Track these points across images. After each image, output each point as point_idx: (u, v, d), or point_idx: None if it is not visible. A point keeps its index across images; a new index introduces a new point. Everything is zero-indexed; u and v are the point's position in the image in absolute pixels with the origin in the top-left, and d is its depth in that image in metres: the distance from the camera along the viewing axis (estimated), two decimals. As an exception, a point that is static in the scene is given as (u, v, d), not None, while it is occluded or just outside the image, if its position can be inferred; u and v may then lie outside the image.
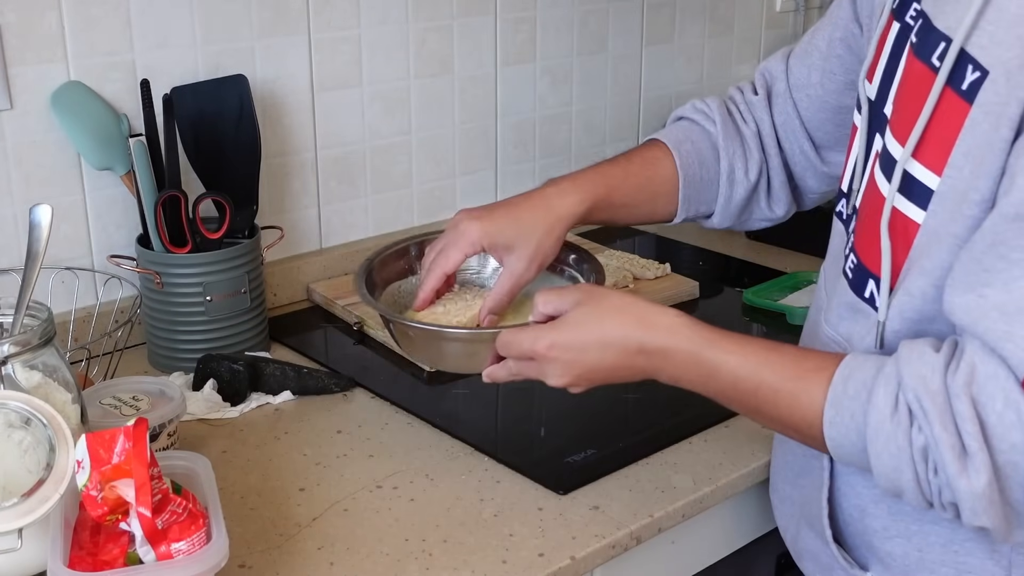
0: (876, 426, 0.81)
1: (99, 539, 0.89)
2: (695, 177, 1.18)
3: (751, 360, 0.89)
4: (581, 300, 0.95)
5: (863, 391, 0.83)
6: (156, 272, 1.32)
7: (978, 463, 0.77)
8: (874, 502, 0.95)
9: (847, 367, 0.85)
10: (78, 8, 1.31)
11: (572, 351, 0.94)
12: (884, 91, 0.94)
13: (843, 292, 0.96)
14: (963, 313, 0.79)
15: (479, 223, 1.10)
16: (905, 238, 0.87)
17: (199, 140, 1.40)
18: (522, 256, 1.10)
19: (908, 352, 0.82)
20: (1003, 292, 0.77)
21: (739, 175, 1.18)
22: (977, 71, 0.81)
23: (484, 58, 1.72)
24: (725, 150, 1.18)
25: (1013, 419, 0.76)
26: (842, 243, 1.01)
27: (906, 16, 0.92)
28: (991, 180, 0.80)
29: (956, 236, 0.82)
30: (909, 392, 0.79)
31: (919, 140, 0.85)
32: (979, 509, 0.78)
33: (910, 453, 0.80)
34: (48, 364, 0.98)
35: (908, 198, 0.87)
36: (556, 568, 0.98)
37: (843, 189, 1.03)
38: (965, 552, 0.91)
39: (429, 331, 1.09)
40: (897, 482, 0.82)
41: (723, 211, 1.20)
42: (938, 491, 0.80)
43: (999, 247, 0.78)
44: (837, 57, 1.11)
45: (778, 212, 1.22)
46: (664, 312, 0.94)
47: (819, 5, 2.18)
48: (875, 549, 0.96)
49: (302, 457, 1.17)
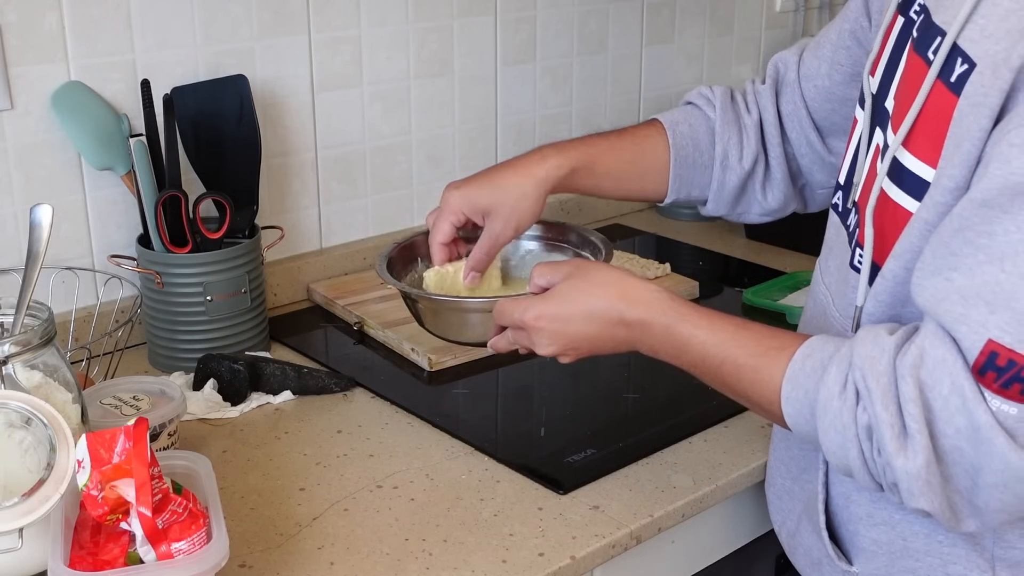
0: (824, 403, 0.84)
1: (99, 539, 0.89)
2: (688, 159, 1.20)
3: (719, 336, 0.93)
4: (570, 273, 1.01)
5: (818, 369, 0.85)
6: (156, 272, 1.32)
7: (916, 444, 0.78)
8: (857, 489, 0.97)
9: (809, 347, 0.88)
10: (78, 8, 1.32)
11: (558, 321, 0.99)
12: (886, 85, 0.95)
13: (856, 284, 0.96)
14: (928, 295, 0.81)
15: (459, 191, 1.17)
16: (896, 227, 0.88)
17: (199, 140, 1.40)
18: (498, 218, 1.16)
19: (864, 334, 0.84)
20: (967, 276, 0.78)
21: (732, 161, 1.20)
22: (966, 64, 0.82)
23: (484, 58, 1.72)
24: (720, 135, 1.20)
25: (958, 404, 0.77)
26: (839, 236, 1.02)
27: (910, 11, 0.93)
28: (965, 168, 0.81)
29: (926, 221, 0.84)
30: (857, 372, 0.82)
31: (910, 131, 0.87)
32: (915, 490, 0.79)
33: (855, 431, 0.82)
34: (49, 364, 0.98)
35: (900, 187, 0.88)
36: (556, 568, 0.99)
37: (840, 182, 1.04)
38: (949, 543, 0.91)
39: (446, 302, 1.18)
40: (844, 459, 0.84)
41: (716, 197, 1.22)
42: (883, 471, 0.81)
43: (966, 232, 0.78)
44: (846, 49, 1.12)
45: (773, 204, 1.22)
46: (646, 287, 0.98)
47: (819, 5, 2.18)
48: (860, 538, 0.97)
49: (302, 457, 1.17)
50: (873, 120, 0.97)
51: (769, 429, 1.20)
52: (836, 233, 1.03)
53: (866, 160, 0.97)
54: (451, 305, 1.18)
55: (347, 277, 1.61)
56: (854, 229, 0.97)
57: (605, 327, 0.98)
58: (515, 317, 1.01)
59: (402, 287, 1.21)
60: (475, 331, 1.17)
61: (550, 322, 0.99)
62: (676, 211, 1.95)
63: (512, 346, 1.06)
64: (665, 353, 0.97)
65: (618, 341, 0.99)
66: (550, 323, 0.99)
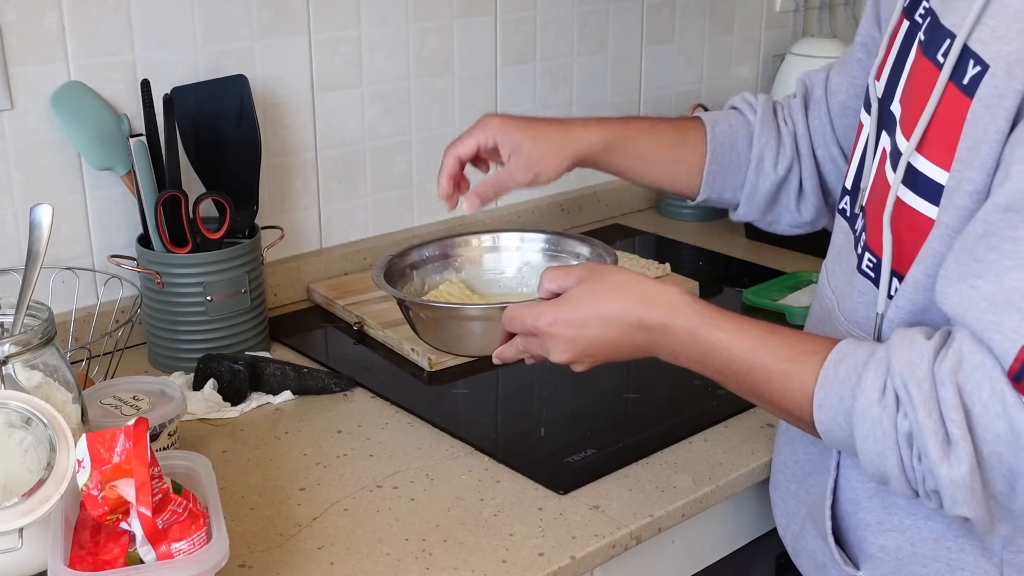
0: (863, 410, 0.81)
1: (99, 539, 0.89)
2: (723, 158, 1.20)
3: (747, 340, 0.90)
4: (584, 277, 0.97)
5: (853, 375, 0.83)
6: (156, 272, 1.32)
7: (960, 451, 0.77)
8: (868, 496, 0.96)
9: (840, 351, 0.85)
10: (78, 8, 1.32)
11: (574, 327, 0.95)
12: (891, 89, 0.95)
13: (863, 289, 0.96)
14: (954, 303, 0.80)
15: (499, 119, 1.16)
16: (913, 232, 0.88)
17: (199, 140, 1.40)
18: (520, 159, 1.14)
19: (900, 339, 0.82)
20: (993, 283, 0.77)
21: (768, 166, 1.19)
22: (978, 65, 0.81)
23: (484, 58, 1.72)
24: (759, 138, 1.19)
25: (998, 409, 0.76)
26: (847, 240, 1.01)
27: (915, 14, 0.92)
28: (984, 172, 0.80)
29: (947, 226, 0.83)
30: (896, 377, 0.80)
31: (924, 135, 0.86)
32: (959, 498, 0.78)
33: (895, 438, 0.80)
34: (49, 364, 0.98)
35: (915, 191, 0.87)
36: (556, 568, 0.99)
37: (846, 187, 1.03)
38: (957, 548, 0.91)
39: (445, 309, 1.17)
40: (882, 467, 0.82)
41: (748, 201, 1.21)
42: (922, 478, 0.80)
43: (991, 237, 0.78)
44: (858, 61, 1.12)
45: (806, 216, 1.22)
46: (665, 289, 0.95)
47: (819, 5, 2.18)
48: (868, 544, 0.96)
49: (302, 457, 1.17)
50: (879, 124, 0.97)
51: (769, 430, 1.20)
52: (844, 238, 1.02)
53: (872, 164, 0.97)
54: (451, 313, 1.16)
55: (347, 277, 1.61)
56: (861, 233, 0.97)
57: (624, 332, 0.94)
58: (528, 323, 0.97)
59: (400, 295, 1.19)
60: (477, 341, 1.14)
61: (566, 327, 0.95)
62: (676, 211, 1.95)
63: (520, 355, 1.02)
64: (687, 359, 0.93)
65: (636, 346, 0.95)
66: (566, 328, 0.95)
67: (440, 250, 1.33)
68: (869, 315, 0.94)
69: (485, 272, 1.32)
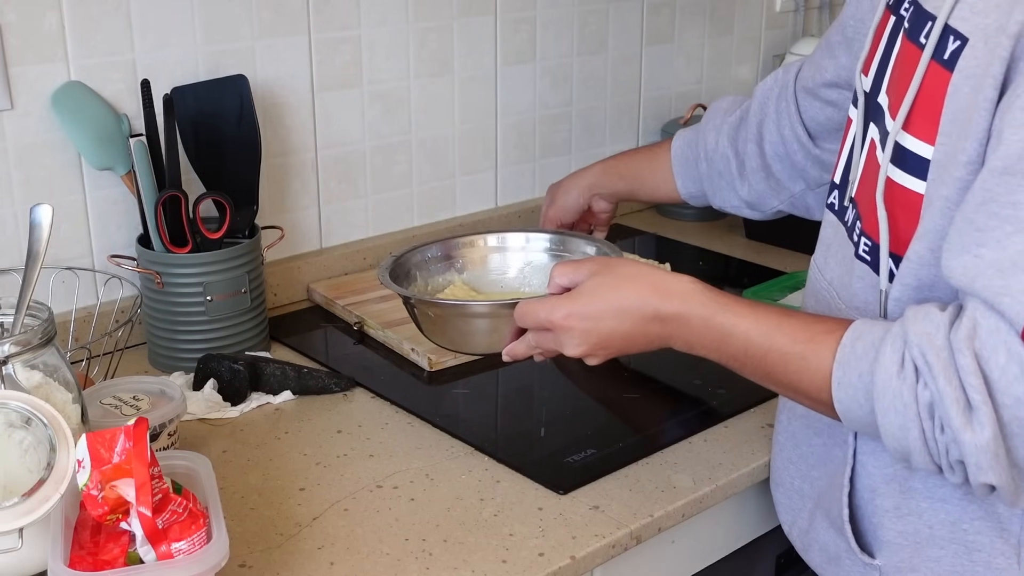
0: (883, 384, 0.81)
1: (99, 539, 0.89)
2: (683, 156, 1.36)
3: (763, 324, 0.90)
4: (596, 270, 0.98)
5: (871, 351, 0.83)
6: (156, 272, 1.32)
7: (982, 416, 0.77)
8: (885, 482, 0.95)
9: (856, 330, 0.86)
10: (78, 8, 1.32)
11: (588, 320, 0.96)
12: (878, 81, 0.96)
13: (862, 274, 0.96)
14: (961, 274, 0.80)
15: None
16: (906, 210, 0.88)
17: (199, 140, 1.40)
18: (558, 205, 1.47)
19: (915, 313, 0.82)
20: (997, 249, 0.77)
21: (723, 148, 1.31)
22: (958, 40, 0.82)
23: (484, 58, 1.72)
24: (718, 128, 1.32)
25: (1016, 372, 0.76)
26: (837, 233, 1.02)
27: (900, 9, 0.94)
28: (976, 142, 0.81)
29: (946, 199, 0.83)
30: (914, 349, 0.80)
31: (909, 113, 0.87)
32: (984, 464, 0.78)
33: (916, 410, 0.80)
34: (49, 364, 0.98)
35: (904, 170, 0.88)
36: (556, 568, 0.99)
37: (835, 182, 1.04)
38: (974, 531, 0.91)
39: (453, 306, 1.16)
40: (904, 441, 0.82)
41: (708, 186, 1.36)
42: (945, 449, 0.80)
43: (990, 204, 0.78)
44: (838, 44, 1.16)
45: (745, 194, 1.31)
46: (678, 279, 0.96)
47: (819, 5, 2.19)
48: (885, 530, 0.96)
49: (302, 457, 1.17)
50: (867, 117, 0.97)
51: (769, 430, 1.20)
52: (834, 231, 1.03)
53: (861, 157, 0.97)
54: (459, 310, 1.16)
55: (347, 277, 1.61)
56: (855, 222, 0.97)
57: (639, 323, 0.95)
58: (541, 317, 0.98)
59: (407, 293, 1.20)
60: (484, 339, 1.14)
61: (580, 320, 0.96)
62: (676, 211, 1.95)
63: (531, 351, 1.02)
64: (703, 347, 0.94)
65: (651, 337, 0.96)
66: (581, 321, 0.96)
67: (444, 250, 1.33)
68: (870, 299, 0.94)
69: (488, 273, 1.32)
